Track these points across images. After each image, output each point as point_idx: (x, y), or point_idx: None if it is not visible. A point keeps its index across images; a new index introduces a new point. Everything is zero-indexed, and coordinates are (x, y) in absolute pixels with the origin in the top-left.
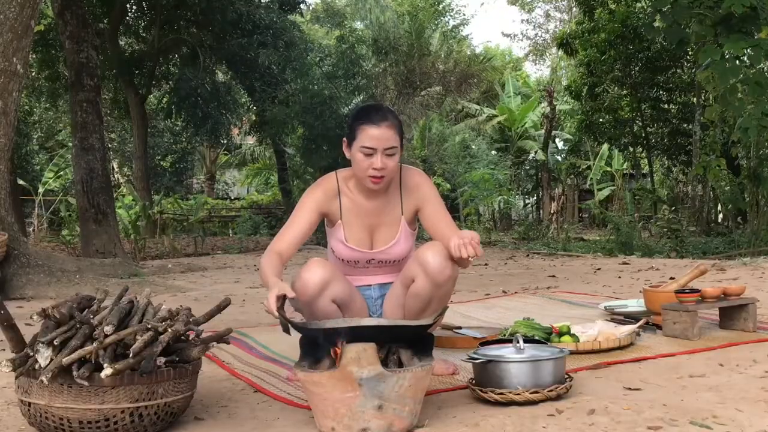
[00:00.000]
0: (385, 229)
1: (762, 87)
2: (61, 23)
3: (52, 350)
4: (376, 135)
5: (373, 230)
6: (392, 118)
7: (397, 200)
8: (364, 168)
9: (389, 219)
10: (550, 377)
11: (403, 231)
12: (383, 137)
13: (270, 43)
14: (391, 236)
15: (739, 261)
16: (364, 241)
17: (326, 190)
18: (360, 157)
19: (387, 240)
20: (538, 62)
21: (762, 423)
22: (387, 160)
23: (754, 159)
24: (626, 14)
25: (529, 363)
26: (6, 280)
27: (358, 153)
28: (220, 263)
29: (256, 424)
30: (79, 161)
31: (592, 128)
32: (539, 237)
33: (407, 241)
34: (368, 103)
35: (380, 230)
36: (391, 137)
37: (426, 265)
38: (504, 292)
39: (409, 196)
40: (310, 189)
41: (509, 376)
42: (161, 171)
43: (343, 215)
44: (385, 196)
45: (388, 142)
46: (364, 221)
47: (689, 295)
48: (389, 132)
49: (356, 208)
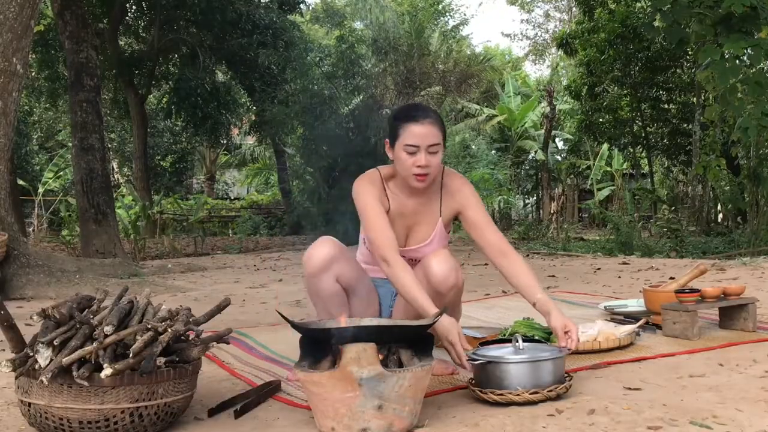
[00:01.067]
0: (421, 228)
1: (762, 87)
2: (60, 23)
3: (52, 350)
4: (420, 132)
5: (410, 229)
6: (434, 116)
7: (436, 201)
8: (408, 166)
9: (427, 219)
10: (550, 377)
11: (438, 232)
12: (427, 134)
13: (270, 43)
14: (426, 236)
15: (739, 261)
16: (400, 239)
17: (376, 184)
18: (404, 156)
19: (421, 239)
20: (537, 62)
21: (762, 423)
22: (431, 158)
23: (754, 159)
24: (626, 14)
25: (528, 363)
26: (6, 280)
27: (402, 152)
28: (220, 263)
29: (256, 424)
30: (78, 161)
31: (592, 128)
32: (539, 237)
33: (440, 242)
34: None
35: (416, 229)
36: (434, 134)
37: (429, 273)
38: (504, 292)
39: (449, 199)
40: (361, 184)
41: (509, 376)
42: (161, 171)
43: (390, 212)
44: (425, 196)
45: (432, 138)
46: (403, 220)
47: (689, 295)
48: (432, 129)
49: (398, 206)
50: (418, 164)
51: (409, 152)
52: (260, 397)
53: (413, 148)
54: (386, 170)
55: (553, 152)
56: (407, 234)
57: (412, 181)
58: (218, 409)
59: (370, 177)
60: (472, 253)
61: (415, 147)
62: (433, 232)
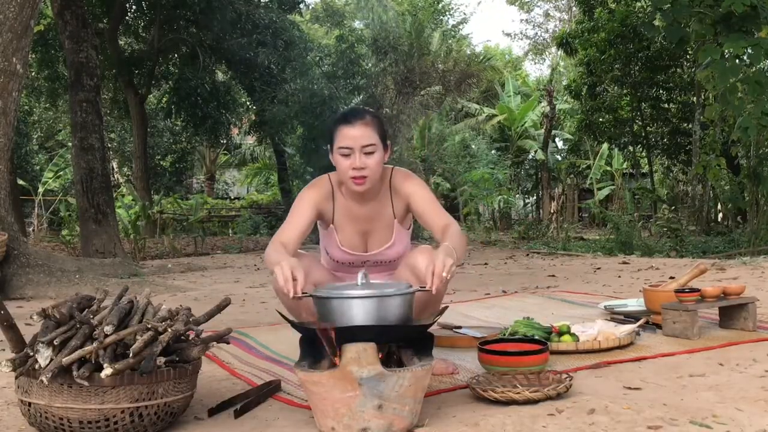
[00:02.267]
0: (379, 233)
1: (762, 86)
2: (60, 23)
3: (52, 350)
4: (352, 134)
5: (367, 235)
6: (369, 117)
7: (387, 203)
8: (344, 169)
9: (382, 224)
10: (398, 313)
11: (397, 233)
12: (360, 135)
13: (269, 42)
14: (386, 239)
15: (739, 260)
16: (357, 244)
17: (321, 190)
18: (339, 159)
19: (382, 243)
20: (537, 62)
21: (762, 422)
22: (366, 159)
23: (754, 158)
24: (626, 13)
25: (373, 299)
26: (6, 280)
27: (338, 155)
28: (220, 263)
29: (256, 423)
30: (78, 161)
31: (592, 128)
32: (539, 236)
33: (402, 241)
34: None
35: (373, 235)
36: (368, 135)
37: (417, 270)
38: (504, 292)
39: (397, 197)
40: (305, 189)
41: (350, 312)
42: (161, 171)
43: (335, 219)
44: (376, 201)
45: (365, 139)
46: (357, 227)
47: (689, 295)
48: (365, 129)
49: (348, 213)
50: (354, 166)
51: (343, 154)
52: (260, 397)
53: (347, 150)
54: (337, 176)
55: (553, 152)
56: (365, 240)
57: (350, 185)
58: (218, 409)
59: (317, 184)
60: (472, 252)
61: (348, 149)
62: (392, 234)
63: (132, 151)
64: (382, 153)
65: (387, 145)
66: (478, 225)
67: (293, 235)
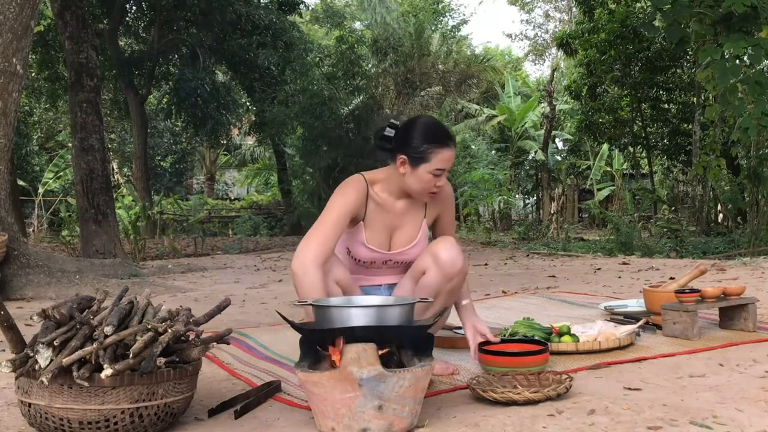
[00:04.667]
0: (406, 230)
1: (762, 86)
2: (60, 24)
3: (52, 351)
4: (449, 158)
5: (393, 231)
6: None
7: (421, 204)
8: (429, 186)
9: (411, 221)
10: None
11: (423, 233)
12: (452, 159)
13: (269, 43)
14: (411, 238)
15: (739, 261)
16: (383, 242)
17: (359, 193)
18: (428, 177)
19: (406, 241)
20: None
21: (762, 423)
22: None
23: (754, 159)
24: (626, 14)
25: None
26: (6, 281)
27: (428, 174)
28: (220, 264)
29: (257, 424)
30: (79, 162)
31: (592, 128)
32: (539, 237)
33: (424, 242)
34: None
35: (400, 231)
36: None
37: (438, 257)
38: (504, 292)
39: (434, 204)
40: (343, 192)
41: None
42: (161, 171)
43: (366, 217)
44: (410, 198)
45: (452, 162)
46: (387, 222)
47: (689, 295)
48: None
49: (382, 209)
50: (438, 184)
51: (436, 175)
52: (260, 398)
53: (440, 172)
54: (371, 175)
55: (553, 152)
56: (390, 236)
57: (423, 197)
58: (218, 410)
59: (357, 185)
60: (473, 253)
61: (442, 170)
62: (419, 233)
63: (132, 152)
64: None
65: None
66: (478, 225)
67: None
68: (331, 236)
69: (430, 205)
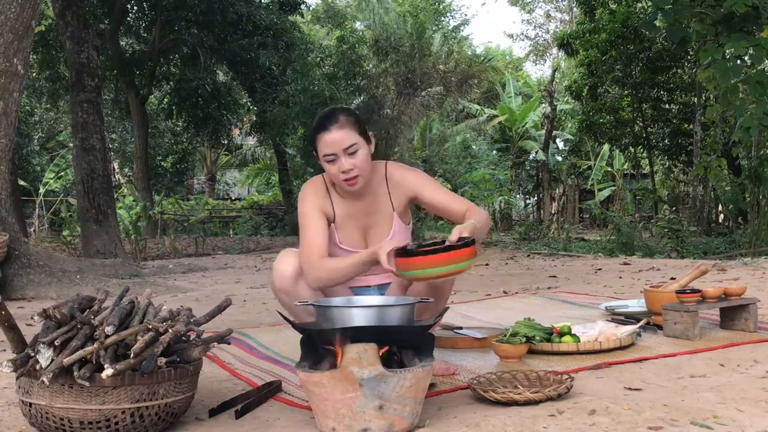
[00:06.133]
0: (378, 227)
1: (763, 86)
2: (61, 24)
3: (53, 351)
4: (330, 140)
5: (367, 230)
6: (344, 117)
7: (385, 196)
8: (335, 174)
9: (381, 216)
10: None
11: (396, 226)
12: (340, 139)
13: (270, 43)
14: (385, 233)
15: (740, 261)
16: (358, 242)
17: (317, 192)
18: (327, 166)
19: (381, 237)
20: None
21: (763, 423)
22: (352, 160)
23: (755, 159)
24: (627, 14)
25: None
26: (7, 281)
27: (324, 163)
28: (221, 264)
29: (257, 424)
30: (79, 162)
31: (593, 128)
32: (540, 237)
33: (402, 235)
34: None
35: (373, 229)
36: (347, 136)
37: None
38: (505, 293)
39: (396, 190)
40: (303, 197)
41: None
42: (162, 171)
43: (336, 218)
44: (373, 195)
45: (346, 141)
46: (357, 222)
47: (690, 296)
48: (343, 132)
49: (347, 210)
50: (342, 170)
51: (329, 161)
52: (261, 398)
53: (332, 157)
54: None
55: (553, 152)
56: (365, 236)
57: (344, 186)
58: (219, 410)
59: (314, 185)
60: None
61: (332, 155)
62: (392, 227)
63: (133, 152)
64: (366, 147)
65: (369, 137)
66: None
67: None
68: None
69: (393, 194)
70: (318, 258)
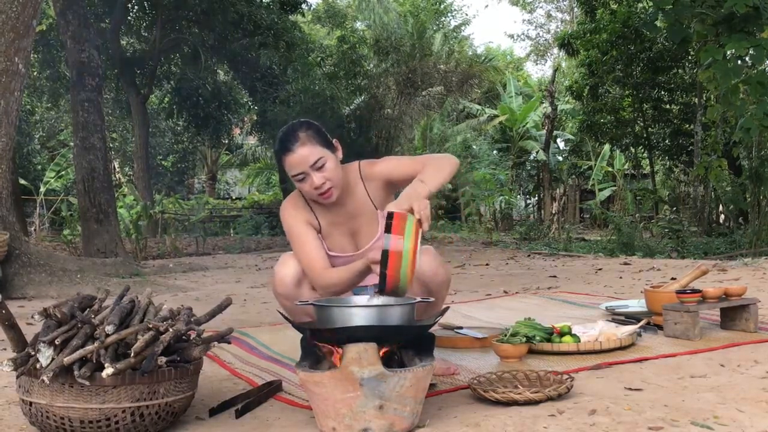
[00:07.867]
0: (365, 228)
1: (764, 87)
2: (62, 23)
3: (53, 350)
4: (295, 160)
5: (354, 233)
6: (303, 134)
7: (364, 196)
8: (308, 191)
9: (365, 218)
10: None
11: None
12: (303, 158)
13: (271, 43)
14: (373, 233)
15: (741, 261)
16: (346, 245)
17: (297, 205)
18: (299, 185)
19: (370, 238)
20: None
21: (763, 423)
22: (322, 173)
23: (756, 159)
24: (628, 14)
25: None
26: (7, 280)
27: (296, 182)
28: (222, 263)
29: (257, 423)
30: (80, 161)
31: (594, 128)
32: (540, 237)
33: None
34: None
35: (361, 231)
36: (311, 152)
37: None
38: (505, 293)
39: (372, 186)
40: (286, 211)
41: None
42: (162, 171)
43: (321, 228)
44: (352, 198)
45: (311, 158)
46: (342, 228)
47: (690, 296)
48: (306, 149)
49: (330, 218)
50: (315, 186)
51: (300, 180)
52: (261, 397)
53: (301, 175)
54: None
55: (554, 153)
56: (354, 239)
57: (321, 201)
58: (219, 409)
59: (293, 201)
60: (473, 253)
61: (301, 174)
62: (379, 226)
63: (133, 151)
64: (333, 157)
65: (333, 145)
66: (479, 225)
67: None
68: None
69: (370, 190)
70: (322, 270)
